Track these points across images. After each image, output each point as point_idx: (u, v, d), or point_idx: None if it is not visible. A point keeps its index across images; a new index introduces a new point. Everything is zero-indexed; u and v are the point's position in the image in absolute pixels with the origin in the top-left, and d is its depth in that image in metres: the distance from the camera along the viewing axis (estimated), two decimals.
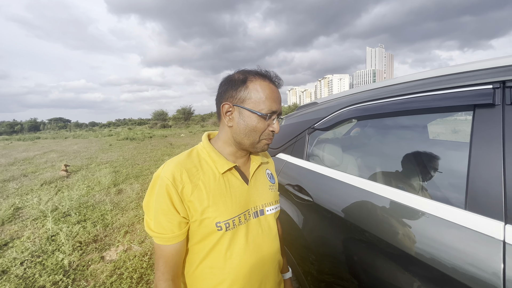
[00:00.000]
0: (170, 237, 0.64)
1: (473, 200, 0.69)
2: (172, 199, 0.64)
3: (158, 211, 0.64)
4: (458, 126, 2.53)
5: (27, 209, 3.82)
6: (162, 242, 0.65)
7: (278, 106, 0.69)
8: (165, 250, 0.65)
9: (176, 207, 0.64)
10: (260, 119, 0.68)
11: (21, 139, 22.70)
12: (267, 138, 0.71)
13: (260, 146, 0.72)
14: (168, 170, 0.66)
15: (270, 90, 0.68)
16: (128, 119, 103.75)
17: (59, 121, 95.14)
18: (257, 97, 0.67)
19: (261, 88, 0.68)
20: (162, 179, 0.65)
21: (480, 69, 0.80)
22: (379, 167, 1.33)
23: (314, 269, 1.15)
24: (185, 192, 0.65)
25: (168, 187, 0.64)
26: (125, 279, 2.15)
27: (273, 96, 0.68)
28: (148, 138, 18.04)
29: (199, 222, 0.66)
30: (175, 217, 0.65)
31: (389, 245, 0.83)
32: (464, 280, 0.64)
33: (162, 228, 0.64)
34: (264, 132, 0.70)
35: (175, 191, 0.64)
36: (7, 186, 5.26)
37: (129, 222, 3.29)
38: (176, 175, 0.65)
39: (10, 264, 2.36)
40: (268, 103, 0.67)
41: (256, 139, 0.70)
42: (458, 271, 0.65)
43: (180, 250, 0.67)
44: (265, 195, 0.79)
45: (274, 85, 0.71)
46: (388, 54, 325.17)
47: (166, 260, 0.65)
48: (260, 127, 0.68)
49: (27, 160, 8.96)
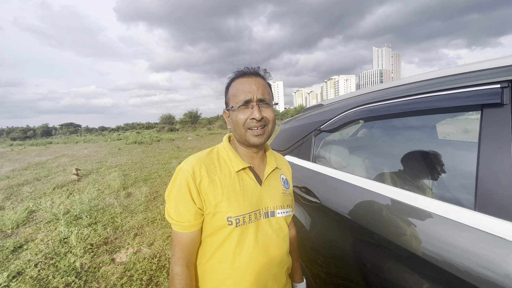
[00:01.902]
0: (187, 226, 0.70)
1: (483, 201, 0.69)
2: (191, 190, 0.70)
3: (178, 200, 0.71)
4: (466, 126, 2.48)
5: (41, 212, 3.93)
6: (179, 229, 0.71)
7: (250, 95, 0.72)
8: (182, 237, 0.71)
9: (193, 197, 0.71)
10: (238, 112, 0.73)
11: (34, 144, 23.37)
12: (252, 128, 0.73)
13: (249, 137, 0.74)
14: (189, 164, 0.73)
15: (241, 83, 0.74)
16: (137, 123, 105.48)
17: (70, 126, 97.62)
18: (233, 95, 0.75)
19: (235, 86, 0.75)
20: (183, 172, 0.72)
21: (487, 68, 0.79)
22: (386, 168, 1.32)
23: (323, 272, 1.15)
24: (203, 185, 0.71)
25: (188, 179, 0.70)
26: (135, 281, 2.18)
27: (244, 87, 0.73)
28: (156, 141, 18.30)
29: (212, 214, 0.71)
30: (192, 207, 0.71)
31: (398, 247, 0.83)
32: (476, 282, 0.63)
33: (180, 216, 0.71)
34: (246, 122, 0.73)
35: (194, 183, 0.70)
36: (21, 190, 5.42)
37: (138, 225, 3.34)
38: (196, 169, 0.72)
39: (25, 265, 2.43)
40: (240, 95, 0.73)
41: (242, 131, 0.74)
42: (469, 273, 0.65)
43: (195, 239, 0.73)
44: (277, 198, 0.81)
45: (247, 77, 0.75)
46: (395, 53, 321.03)
47: (181, 246, 0.71)
48: (240, 118, 0.73)
49: (40, 164, 9.22)
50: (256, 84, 0.74)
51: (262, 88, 0.74)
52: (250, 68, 0.78)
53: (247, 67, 0.78)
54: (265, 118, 0.74)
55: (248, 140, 0.75)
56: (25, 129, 73.36)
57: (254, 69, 0.78)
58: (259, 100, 0.73)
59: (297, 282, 0.98)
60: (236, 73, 0.78)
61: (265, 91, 0.75)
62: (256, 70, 0.78)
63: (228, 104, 0.77)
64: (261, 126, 0.73)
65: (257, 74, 0.77)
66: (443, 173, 1.13)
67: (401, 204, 0.87)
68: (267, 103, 0.75)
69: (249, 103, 0.73)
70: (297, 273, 0.98)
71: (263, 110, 0.74)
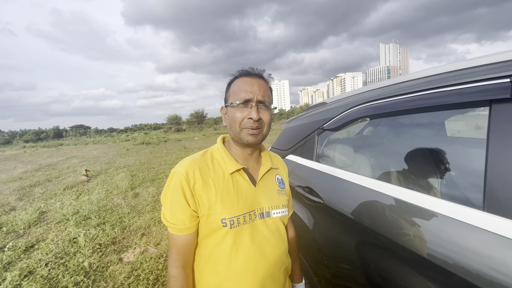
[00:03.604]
0: (182, 228, 0.71)
1: (492, 201, 0.66)
2: (185, 192, 0.70)
3: (173, 203, 0.71)
4: (474, 123, 2.40)
5: (51, 213, 4.03)
6: (174, 232, 0.71)
7: (251, 94, 0.72)
8: (177, 239, 0.72)
9: (188, 200, 0.71)
10: (236, 109, 0.73)
11: (46, 146, 23.99)
12: (248, 127, 0.72)
13: (243, 136, 0.74)
14: (183, 166, 0.73)
15: (243, 82, 0.74)
16: (144, 124, 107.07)
17: (80, 128, 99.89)
18: (233, 92, 0.75)
19: (236, 84, 0.75)
20: (177, 174, 0.72)
21: (496, 62, 0.75)
22: (392, 167, 1.29)
23: (327, 272, 1.13)
24: (196, 187, 0.71)
25: (182, 182, 0.70)
26: (142, 280, 2.21)
27: (246, 86, 0.73)
28: (163, 142, 18.50)
29: (206, 216, 0.71)
30: (187, 209, 0.71)
31: (404, 248, 0.80)
32: (484, 285, 0.60)
33: (176, 219, 0.71)
34: (243, 121, 0.72)
35: (188, 185, 0.70)
36: (33, 191, 5.57)
37: (145, 225, 3.38)
38: (189, 171, 0.72)
39: (36, 265, 2.49)
40: (241, 93, 0.72)
41: (237, 129, 0.74)
42: (478, 275, 0.62)
43: (190, 242, 0.73)
44: (272, 198, 0.81)
45: (250, 77, 0.75)
46: (402, 49, 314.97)
47: (177, 248, 0.72)
48: (238, 116, 0.73)
49: (51, 166, 9.45)
50: (258, 85, 0.74)
51: (264, 90, 0.74)
52: (255, 69, 0.78)
53: (251, 67, 0.78)
54: (261, 120, 0.73)
55: (242, 139, 0.74)
56: (37, 131, 75.48)
57: (259, 71, 0.78)
58: (259, 101, 0.73)
59: (296, 282, 0.97)
60: (240, 72, 0.78)
61: (266, 94, 0.75)
62: (260, 73, 0.78)
63: (227, 100, 0.78)
64: (256, 128, 0.73)
65: (260, 76, 0.77)
66: (450, 173, 1.09)
67: (407, 204, 0.84)
68: (266, 106, 0.75)
69: (248, 103, 0.72)
70: (296, 273, 0.97)
71: (261, 111, 0.73)
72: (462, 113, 1.21)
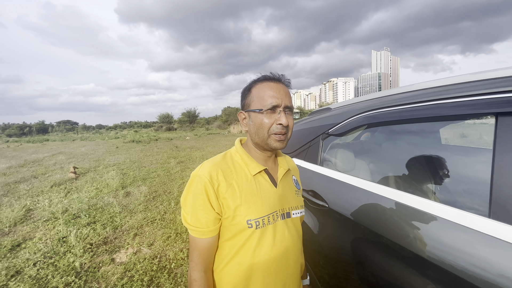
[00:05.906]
0: (205, 231, 0.71)
1: (498, 208, 0.69)
2: (209, 195, 0.70)
3: (196, 206, 0.71)
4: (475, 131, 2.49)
5: (38, 211, 3.89)
6: (197, 235, 0.71)
7: (279, 100, 0.72)
8: (199, 243, 0.71)
9: (211, 203, 0.70)
10: (265, 115, 0.73)
11: (31, 141, 23.15)
12: (276, 133, 0.73)
13: (271, 142, 0.74)
14: (205, 169, 0.73)
15: (269, 87, 0.74)
16: (134, 121, 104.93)
17: (67, 123, 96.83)
18: (258, 97, 0.74)
19: (261, 89, 0.74)
20: (200, 177, 0.71)
21: (503, 76, 0.79)
22: (396, 173, 1.32)
23: (332, 277, 1.15)
24: (221, 189, 0.71)
25: (206, 185, 0.70)
26: (136, 281, 2.16)
27: (273, 92, 0.73)
28: (154, 140, 18.21)
29: (231, 218, 0.71)
30: (211, 212, 0.71)
31: (409, 252, 0.83)
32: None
33: (198, 222, 0.70)
34: (271, 127, 0.73)
35: (212, 188, 0.70)
36: (18, 188, 5.36)
37: (138, 225, 3.32)
38: (213, 174, 0.72)
39: (24, 264, 2.40)
40: (268, 99, 0.72)
41: (265, 135, 0.74)
42: (485, 282, 0.64)
43: (213, 245, 0.73)
44: (292, 199, 0.83)
45: (274, 83, 0.75)
46: (393, 57, 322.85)
47: (199, 252, 0.71)
48: (266, 122, 0.73)
49: (37, 162, 9.13)
50: (283, 91, 0.75)
51: (289, 96, 0.76)
52: (275, 74, 0.78)
53: (271, 72, 0.78)
54: (288, 125, 0.75)
55: (270, 145, 0.75)
56: (21, 125, 72.72)
57: (280, 76, 0.78)
58: (286, 107, 0.74)
59: (302, 279, 0.99)
60: (260, 77, 0.78)
61: (290, 99, 0.76)
62: (282, 78, 0.78)
63: (249, 105, 0.76)
64: (285, 133, 0.74)
65: (283, 81, 0.78)
66: (453, 179, 1.13)
67: (411, 209, 0.87)
68: (291, 111, 0.76)
69: (276, 108, 0.73)
70: (303, 270, 0.99)
71: (288, 117, 0.74)
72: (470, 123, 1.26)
